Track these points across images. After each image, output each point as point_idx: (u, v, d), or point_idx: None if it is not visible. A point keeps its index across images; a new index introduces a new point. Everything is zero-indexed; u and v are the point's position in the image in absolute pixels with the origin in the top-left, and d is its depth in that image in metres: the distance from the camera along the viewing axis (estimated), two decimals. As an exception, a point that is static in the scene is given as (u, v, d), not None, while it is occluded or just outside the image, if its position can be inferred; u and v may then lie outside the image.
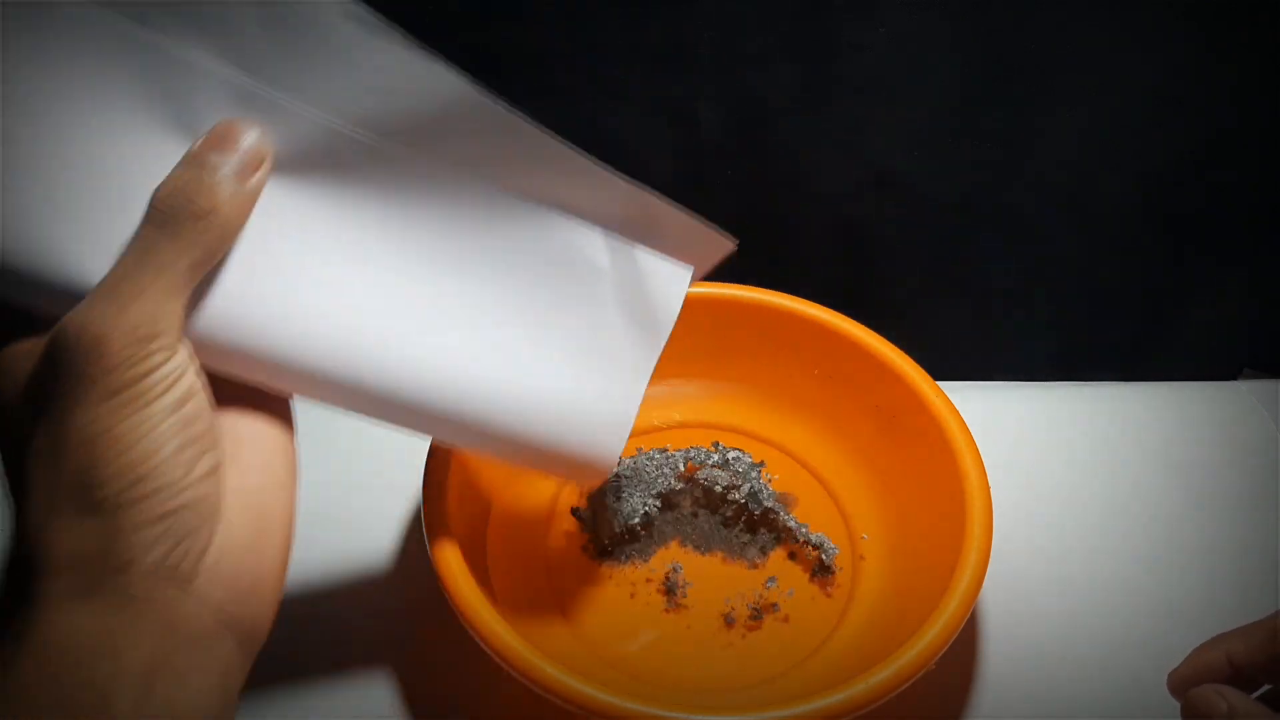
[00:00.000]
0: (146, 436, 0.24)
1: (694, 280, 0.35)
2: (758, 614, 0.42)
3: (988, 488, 0.39)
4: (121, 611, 0.24)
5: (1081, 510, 0.48)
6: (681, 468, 0.45)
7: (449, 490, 0.39)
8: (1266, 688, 0.30)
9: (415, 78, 0.26)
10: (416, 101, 0.27)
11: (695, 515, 0.45)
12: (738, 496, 0.44)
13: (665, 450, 0.46)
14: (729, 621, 0.42)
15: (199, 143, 0.26)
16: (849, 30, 0.46)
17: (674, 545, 0.45)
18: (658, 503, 0.44)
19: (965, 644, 0.42)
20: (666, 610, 0.42)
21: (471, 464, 0.42)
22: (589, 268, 0.32)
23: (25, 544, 0.24)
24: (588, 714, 0.32)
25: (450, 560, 0.36)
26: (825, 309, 0.46)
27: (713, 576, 0.44)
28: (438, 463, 0.39)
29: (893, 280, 0.57)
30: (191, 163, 0.25)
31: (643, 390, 0.34)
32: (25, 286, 0.25)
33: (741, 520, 0.45)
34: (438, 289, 0.29)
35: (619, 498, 0.43)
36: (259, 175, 0.26)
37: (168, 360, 0.24)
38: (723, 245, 0.34)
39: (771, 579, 0.43)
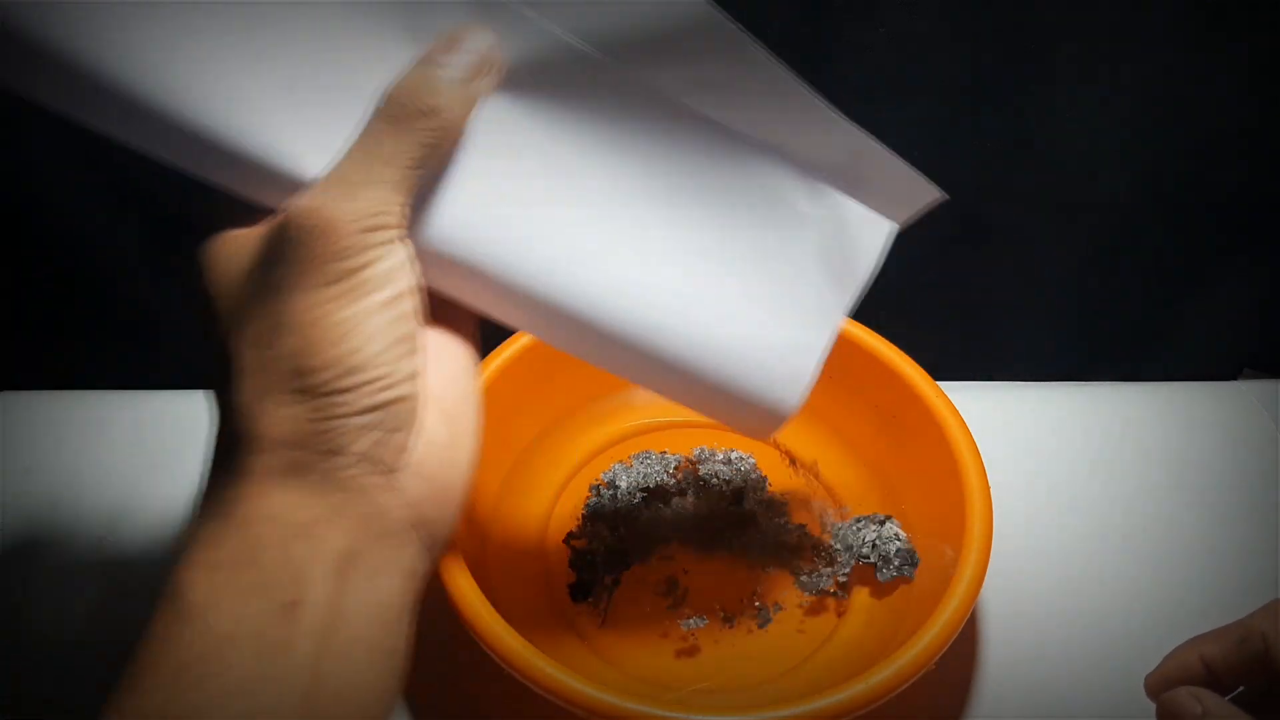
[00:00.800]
0: (363, 326, 0.24)
1: (899, 229, 0.34)
2: (758, 614, 0.42)
3: (988, 488, 0.39)
4: (325, 496, 0.24)
5: (1081, 510, 0.48)
6: (673, 468, 0.45)
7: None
8: (1241, 689, 0.30)
9: None
10: (653, 18, 0.27)
11: (695, 515, 0.45)
12: (738, 497, 0.44)
13: (664, 453, 0.46)
14: (729, 622, 0.42)
15: (432, 45, 0.26)
16: (849, 30, 0.46)
17: (674, 545, 0.45)
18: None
19: (965, 644, 0.42)
20: (667, 610, 0.42)
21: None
22: (792, 211, 0.31)
23: (235, 421, 0.25)
24: (587, 714, 0.32)
25: (451, 564, 0.36)
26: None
27: (713, 577, 0.44)
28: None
29: (893, 280, 0.57)
30: (423, 62, 0.26)
31: (828, 342, 0.33)
32: (251, 172, 0.26)
33: (742, 520, 0.45)
34: (646, 215, 0.29)
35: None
36: (486, 80, 0.27)
37: (391, 253, 0.25)
38: (931, 193, 0.34)
39: (772, 580, 0.43)
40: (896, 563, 0.41)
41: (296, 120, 0.26)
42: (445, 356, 0.28)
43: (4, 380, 0.53)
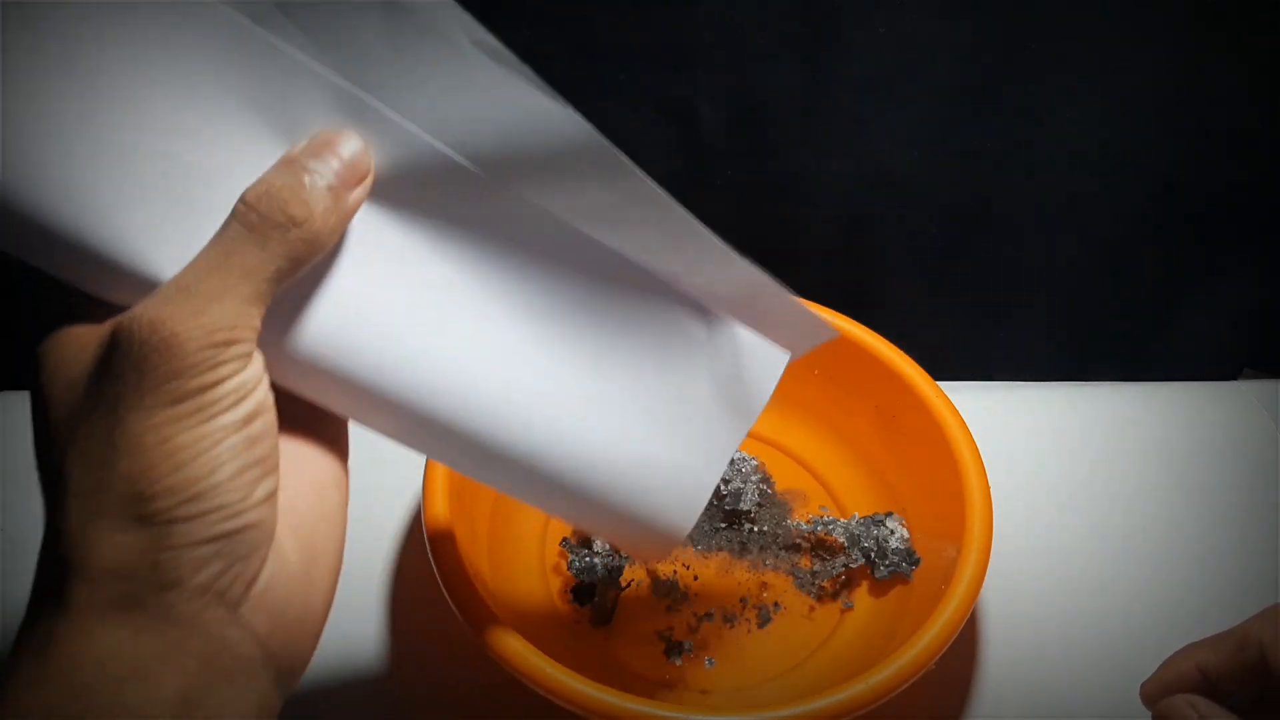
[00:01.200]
0: (209, 451, 0.22)
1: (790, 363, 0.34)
2: (758, 614, 0.42)
3: (988, 488, 0.39)
4: (162, 633, 0.22)
5: (1081, 510, 0.48)
6: None
7: (449, 497, 0.39)
8: (1237, 697, 0.30)
9: (538, 117, 0.24)
10: (536, 141, 0.25)
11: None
12: (738, 497, 0.44)
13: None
14: (730, 621, 0.42)
15: (299, 147, 0.24)
16: (849, 30, 0.46)
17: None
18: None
19: (965, 644, 0.42)
20: (667, 610, 0.42)
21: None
22: (690, 340, 0.31)
23: (61, 545, 0.22)
24: (587, 714, 0.32)
25: (451, 566, 0.36)
26: (825, 309, 0.46)
27: (715, 577, 0.44)
28: (436, 465, 0.39)
29: (893, 280, 0.57)
30: (289, 166, 0.23)
31: (722, 470, 0.33)
32: (93, 266, 0.23)
33: (743, 521, 0.45)
34: (533, 335, 0.28)
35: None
36: (359, 190, 0.24)
37: (241, 370, 0.22)
38: (827, 332, 0.33)
39: (773, 580, 0.43)
40: (895, 560, 0.41)
41: (146, 211, 0.23)
42: (305, 470, 0.26)
43: (4, 380, 0.53)
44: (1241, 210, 0.53)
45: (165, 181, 0.24)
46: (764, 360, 0.33)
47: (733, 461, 0.46)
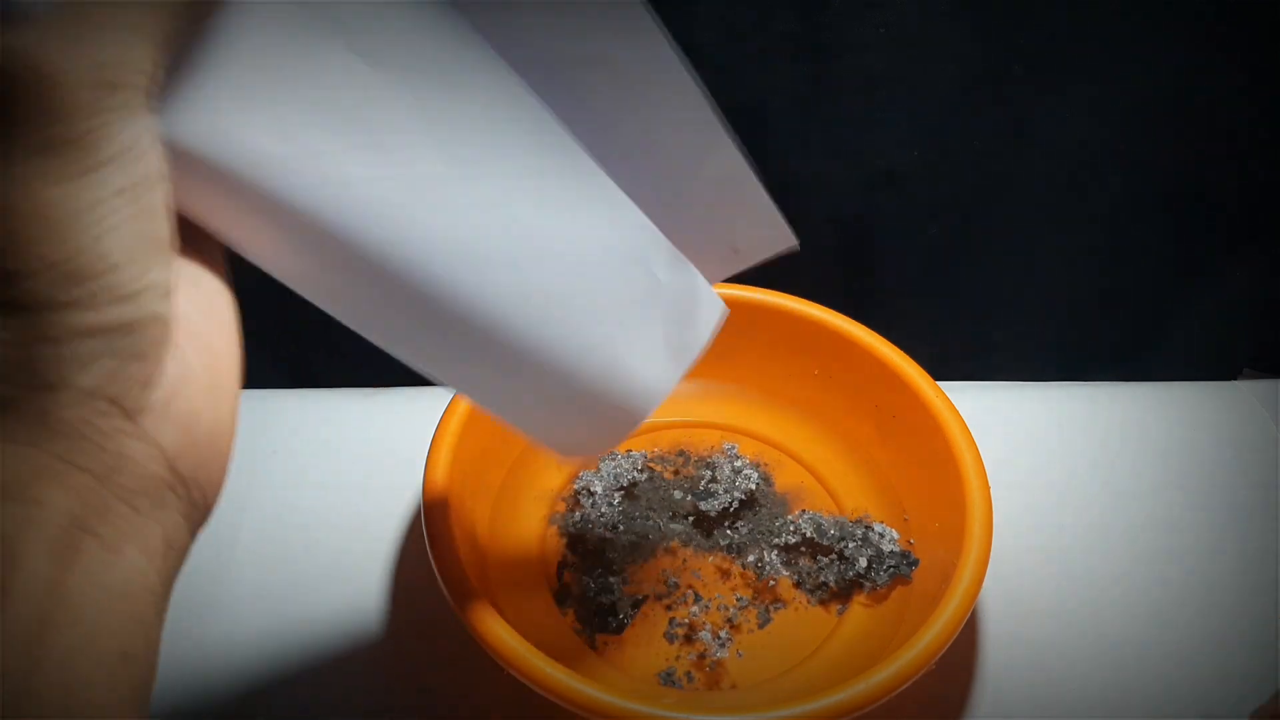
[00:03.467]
0: (89, 215, 0.18)
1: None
2: (758, 614, 0.42)
3: (988, 488, 0.39)
4: (42, 444, 0.18)
5: (1081, 510, 0.48)
6: (641, 464, 0.45)
7: (450, 495, 0.39)
8: None
9: None
10: None
11: (695, 516, 0.45)
12: (738, 496, 0.44)
13: (629, 452, 0.46)
14: (730, 622, 0.42)
15: None
16: (849, 30, 0.46)
17: (674, 546, 0.45)
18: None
19: (965, 644, 0.42)
20: (666, 610, 0.42)
21: (471, 462, 0.42)
22: (650, 275, 0.29)
23: None
24: (587, 714, 0.32)
25: (450, 563, 0.36)
26: (825, 309, 0.46)
27: (714, 577, 0.44)
28: (439, 459, 0.39)
29: (893, 280, 0.57)
30: None
31: (657, 402, 0.31)
32: None
33: (742, 521, 0.45)
34: (505, 189, 0.24)
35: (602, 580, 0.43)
36: None
37: (132, 125, 0.18)
38: (788, 239, 0.32)
39: (772, 579, 0.43)
40: (891, 562, 0.41)
41: None
42: (197, 281, 0.22)
43: None
44: (1242, 210, 0.53)
45: None
46: (709, 310, 0.32)
47: (731, 460, 0.46)
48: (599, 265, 0.27)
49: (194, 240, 0.22)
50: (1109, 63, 0.47)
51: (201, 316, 0.21)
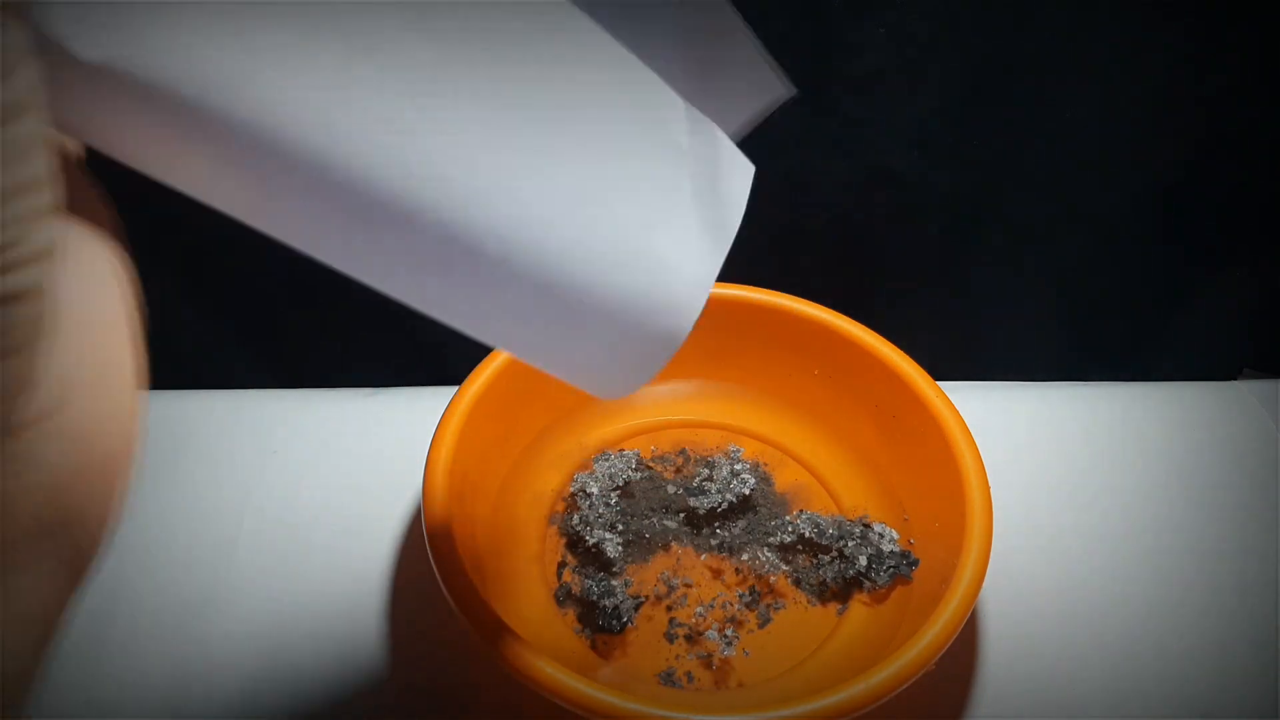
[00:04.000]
0: None
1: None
2: (758, 614, 0.42)
3: (988, 488, 0.39)
4: None
5: (1081, 510, 0.48)
6: (636, 463, 0.45)
7: (450, 496, 0.39)
8: None
9: None
10: None
11: (693, 516, 0.45)
12: (729, 498, 0.44)
13: (621, 451, 0.46)
14: (730, 622, 0.42)
15: None
16: (849, 30, 0.46)
17: (673, 547, 0.45)
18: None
19: (965, 644, 0.42)
20: (666, 610, 0.42)
21: (471, 462, 0.42)
22: (672, 143, 0.25)
23: None
24: (587, 714, 0.32)
25: (449, 563, 0.36)
26: (825, 309, 0.46)
27: (713, 577, 0.44)
28: (439, 459, 0.39)
29: (893, 280, 0.57)
30: None
31: (709, 287, 0.27)
32: None
33: (741, 521, 0.45)
34: (509, 90, 0.20)
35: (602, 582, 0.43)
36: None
37: None
38: (781, 90, 0.29)
39: (772, 579, 0.43)
40: (891, 563, 0.41)
41: None
42: (84, 257, 0.16)
43: None
44: (1241, 210, 0.53)
45: None
46: (738, 174, 0.29)
47: (730, 460, 0.46)
48: (613, 136, 0.23)
49: (77, 198, 0.17)
50: (1108, 63, 0.47)
51: (91, 301, 0.16)
